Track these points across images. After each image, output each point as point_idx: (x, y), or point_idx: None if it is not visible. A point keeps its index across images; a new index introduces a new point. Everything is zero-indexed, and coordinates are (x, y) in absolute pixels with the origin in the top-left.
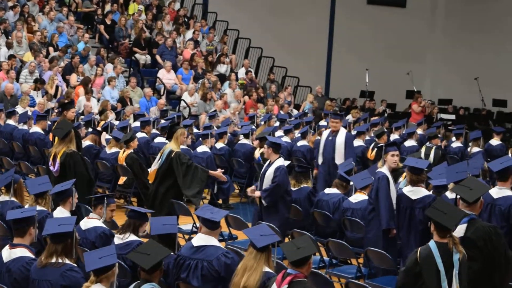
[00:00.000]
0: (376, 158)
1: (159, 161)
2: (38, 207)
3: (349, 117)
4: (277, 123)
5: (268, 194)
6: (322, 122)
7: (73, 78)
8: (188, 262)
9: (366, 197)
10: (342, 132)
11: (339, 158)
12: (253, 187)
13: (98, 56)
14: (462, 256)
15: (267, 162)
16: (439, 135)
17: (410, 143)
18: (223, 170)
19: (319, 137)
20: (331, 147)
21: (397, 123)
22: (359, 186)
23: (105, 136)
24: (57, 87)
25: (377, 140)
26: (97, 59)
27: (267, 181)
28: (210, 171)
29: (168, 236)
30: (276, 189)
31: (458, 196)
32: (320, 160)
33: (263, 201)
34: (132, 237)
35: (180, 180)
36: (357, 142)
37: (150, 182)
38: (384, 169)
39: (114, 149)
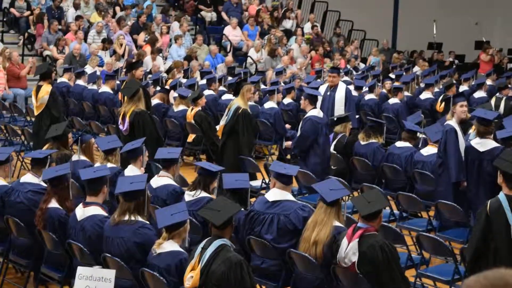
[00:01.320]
0: (445, 110)
1: (226, 116)
2: (109, 164)
3: (417, 69)
4: (345, 78)
5: (295, 145)
6: (391, 75)
7: (141, 37)
8: (263, 217)
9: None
10: (342, 87)
11: (338, 114)
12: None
13: (163, 14)
14: None
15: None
16: (509, 85)
17: (479, 94)
18: (290, 127)
19: (384, 91)
20: (330, 102)
21: (466, 74)
22: (434, 139)
23: (173, 94)
24: (125, 46)
25: (446, 92)
26: (162, 17)
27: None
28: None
29: (240, 191)
30: (300, 139)
31: None
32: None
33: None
34: (203, 194)
35: (242, 137)
36: (426, 95)
37: (219, 137)
38: (453, 122)
39: (182, 107)
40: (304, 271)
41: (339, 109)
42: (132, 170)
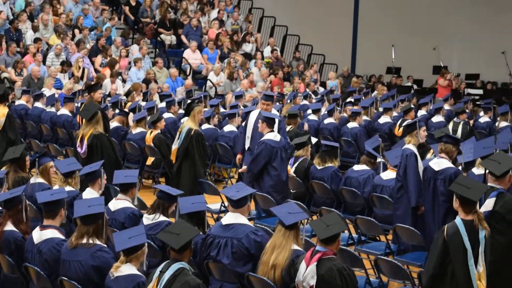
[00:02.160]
0: (403, 135)
1: (178, 140)
2: (67, 188)
3: (375, 94)
4: (304, 101)
5: (248, 168)
6: (350, 99)
7: (98, 60)
8: (217, 241)
9: None
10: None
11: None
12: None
13: (123, 37)
14: (487, 233)
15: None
16: (466, 110)
17: (437, 118)
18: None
19: (345, 115)
20: None
21: (424, 98)
22: (393, 163)
23: (132, 117)
24: (83, 69)
25: (405, 116)
26: (122, 40)
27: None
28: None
29: (197, 214)
30: (253, 163)
31: (487, 171)
32: (247, 145)
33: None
34: (162, 218)
35: (197, 158)
36: (385, 119)
37: (173, 162)
38: (411, 146)
39: (139, 129)
40: None
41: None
42: (90, 193)
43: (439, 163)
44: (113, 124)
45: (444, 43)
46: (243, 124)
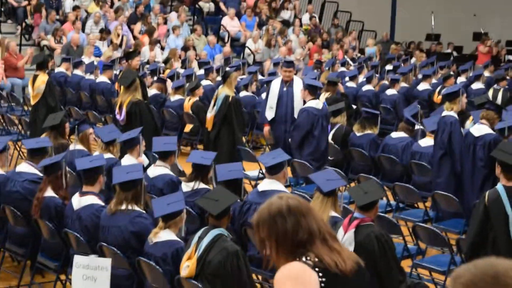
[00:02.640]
0: (443, 101)
1: (215, 107)
2: (107, 155)
3: (414, 61)
4: (342, 68)
5: (290, 136)
6: (388, 67)
7: (137, 28)
8: (254, 207)
9: None
10: (298, 82)
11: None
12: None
13: (162, 5)
14: None
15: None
16: (507, 77)
17: (477, 85)
18: None
19: (386, 82)
20: (289, 100)
21: (464, 65)
22: (430, 129)
23: (170, 84)
24: (122, 36)
25: (444, 83)
26: (160, 8)
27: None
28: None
29: (234, 182)
30: (295, 130)
31: None
32: (270, 115)
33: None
34: (201, 185)
35: (235, 125)
36: (424, 86)
37: (208, 129)
38: (453, 113)
39: (178, 97)
40: None
41: (299, 105)
42: (129, 160)
43: (479, 129)
44: (152, 91)
45: (484, 10)
46: (264, 94)
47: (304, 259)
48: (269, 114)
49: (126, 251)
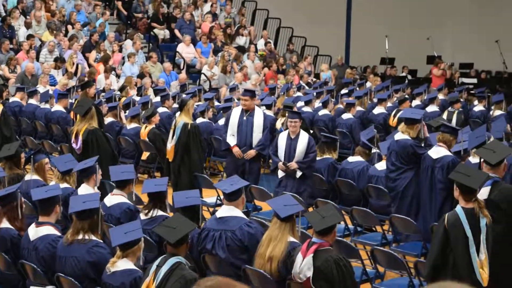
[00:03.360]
0: (397, 125)
1: (174, 136)
2: (63, 185)
3: (369, 85)
4: (298, 93)
5: (308, 165)
6: (344, 91)
7: (92, 56)
8: (212, 233)
9: None
10: (259, 113)
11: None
12: (281, 163)
13: (116, 32)
14: (488, 221)
15: (287, 135)
16: (461, 100)
17: (432, 108)
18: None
19: (341, 106)
20: (248, 129)
21: (418, 88)
22: (385, 153)
23: (121, 110)
24: (77, 65)
25: (399, 106)
26: (116, 36)
27: (299, 153)
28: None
29: (192, 208)
30: (314, 160)
31: (482, 159)
32: (232, 142)
33: (301, 172)
34: (159, 213)
35: (195, 152)
36: (379, 109)
37: (169, 160)
38: (408, 137)
39: (134, 125)
40: (259, 287)
41: (258, 136)
42: (86, 189)
43: (438, 151)
44: (108, 119)
45: (437, 33)
46: (222, 120)
47: None
48: (231, 141)
49: (84, 281)
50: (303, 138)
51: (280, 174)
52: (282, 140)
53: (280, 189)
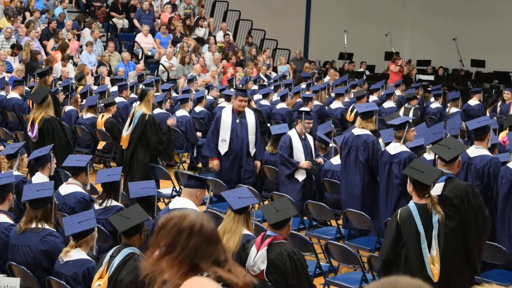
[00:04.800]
0: (354, 120)
1: (131, 125)
2: (15, 172)
3: (328, 79)
4: (255, 86)
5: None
6: (302, 85)
7: (50, 44)
8: None
9: None
10: (250, 112)
11: (252, 147)
12: (306, 162)
13: (75, 21)
14: (441, 217)
15: (298, 135)
16: (417, 96)
17: (388, 104)
18: (201, 135)
19: (300, 100)
20: (244, 133)
21: (375, 84)
22: None
23: (76, 99)
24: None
25: (357, 102)
26: (73, 24)
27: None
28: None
29: (147, 199)
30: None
31: (437, 156)
32: (223, 149)
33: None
34: (114, 203)
35: (153, 143)
36: (336, 104)
37: (123, 147)
38: (368, 132)
39: (90, 114)
40: None
41: (252, 138)
42: (39, 177)
43: (395, 147)
44: (67, 107)
45: (396, 29)
46: (213, 124)
47: (210, 275)
48: (222, 147)
49: (36, 270)
50: (310, 136)
51: (301, 177)
52: (296, 141)
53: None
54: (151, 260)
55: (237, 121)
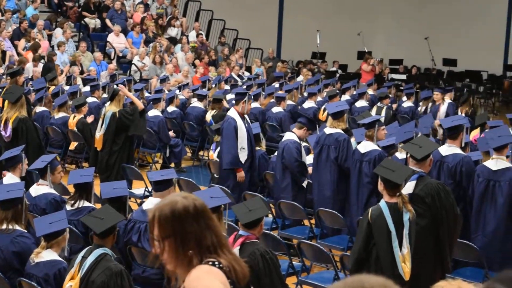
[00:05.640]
0: (327, 119)
1: (103, 126)
2: None
3: (301, 79)
4: (227, 86)
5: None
6: (275, 84)
7: (21, 44)
8: (138, 225)
9: None
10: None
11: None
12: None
13: (47, 21)
14: (412, 216)
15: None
16: (390, 95)
17: (361, 103)
18: (174, 135)
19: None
20: (251, 133)
21: (347, 83)
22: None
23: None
24: (5, 52)
25: (329, 101)
26: (45, 24)
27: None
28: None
29: (119, 199)
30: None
31: (408, 154)
32: (243, 157)
33: None
34: (86, 204)
35: (134, 128)
36: (309, 103)
37: (98, 149)
38: (340, 131)
39: (62, 114)
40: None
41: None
42: (11, 178)
43: (366, 145)
44: (39, 108)
45: (368, 29)
46: (231, 135)
47: (216, 264)
48: (243, 156)
49: (7, 271)
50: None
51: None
52: (241, 126)
53: None
54: (164, 256)
55: (246, 125)
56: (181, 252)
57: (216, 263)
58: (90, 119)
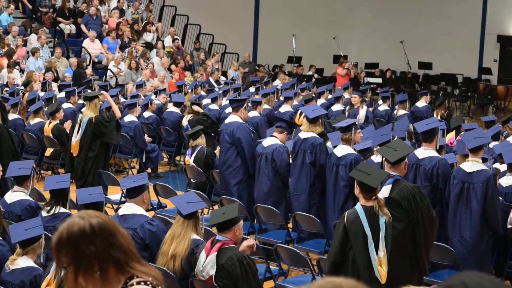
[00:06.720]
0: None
1: (79, 131)
2: None
3: (278, 83)
4: (203, 92)
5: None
6: (251, 89)
7: None
8: None
9: None
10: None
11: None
12: None
13: (21, 27)
14: (388, 219)
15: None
16: (366, 99)
17: (337, 107)
18: (150, 140)
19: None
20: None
21: (321, 87)
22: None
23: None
24: None
25: (305, 105)
26: (20, 30)
27: None
28: None
29: (95, 205)
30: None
31: (383, 158)
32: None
33: None
34: (62, 210)
35: (108, 136)
36: (285, 108)
37: (74, 155)
38: (315, 135)
39: (37, 119)
40: None
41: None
42: None
43: (342, 149)
44: (12, 115)
45: (343, 33)
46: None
47: (143, 284)
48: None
49: None
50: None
51: None
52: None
53: None
54: (71, 285)
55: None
56: (90, 275)
57: (149, 282)
58: (67, 125)
